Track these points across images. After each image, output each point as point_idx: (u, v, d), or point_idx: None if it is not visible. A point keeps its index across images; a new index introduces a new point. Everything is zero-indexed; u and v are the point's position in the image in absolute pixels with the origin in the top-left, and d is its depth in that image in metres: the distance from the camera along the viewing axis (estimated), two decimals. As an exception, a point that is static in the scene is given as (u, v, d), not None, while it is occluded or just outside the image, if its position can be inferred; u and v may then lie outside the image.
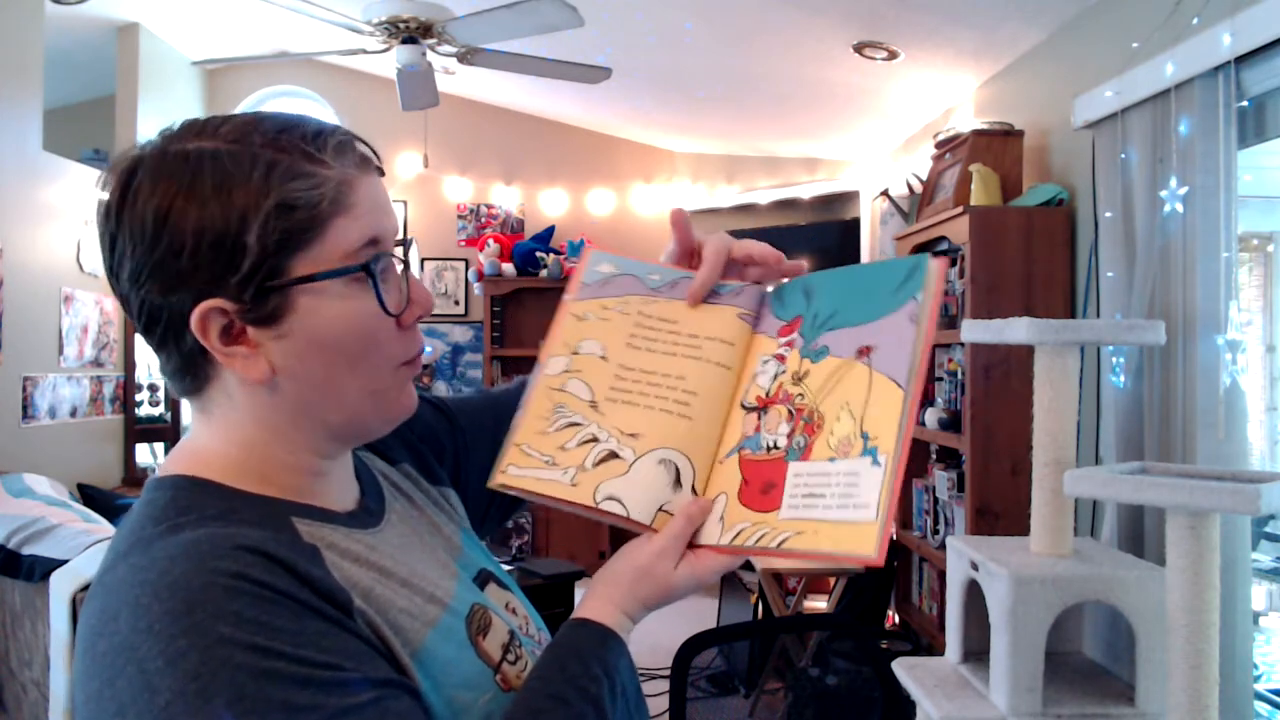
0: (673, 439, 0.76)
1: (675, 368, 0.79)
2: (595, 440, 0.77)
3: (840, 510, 0.68)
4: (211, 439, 0.68)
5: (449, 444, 0.91)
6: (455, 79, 4.34)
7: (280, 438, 0.67)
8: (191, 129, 0.65)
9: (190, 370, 0.66)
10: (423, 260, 5.51)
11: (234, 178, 0.62)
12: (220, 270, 0.62)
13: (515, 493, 0.77)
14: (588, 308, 0.84)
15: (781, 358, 0.78)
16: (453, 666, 0.66)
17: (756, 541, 0.70)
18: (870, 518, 0.66)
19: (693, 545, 0.73)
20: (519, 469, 0.77)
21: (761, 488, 0.72)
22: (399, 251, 0.70)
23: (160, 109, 4.90)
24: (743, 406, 0.78)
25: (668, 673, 2.69)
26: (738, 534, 0.71)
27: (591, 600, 0.71)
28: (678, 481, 0.75)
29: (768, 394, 0.77)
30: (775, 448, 0.74)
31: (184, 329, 0.63)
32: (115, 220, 0.63)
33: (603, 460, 0.76)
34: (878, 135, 4.28)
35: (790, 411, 0.75)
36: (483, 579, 0.80)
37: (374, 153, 0.70)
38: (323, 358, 0.65)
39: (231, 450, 0.67)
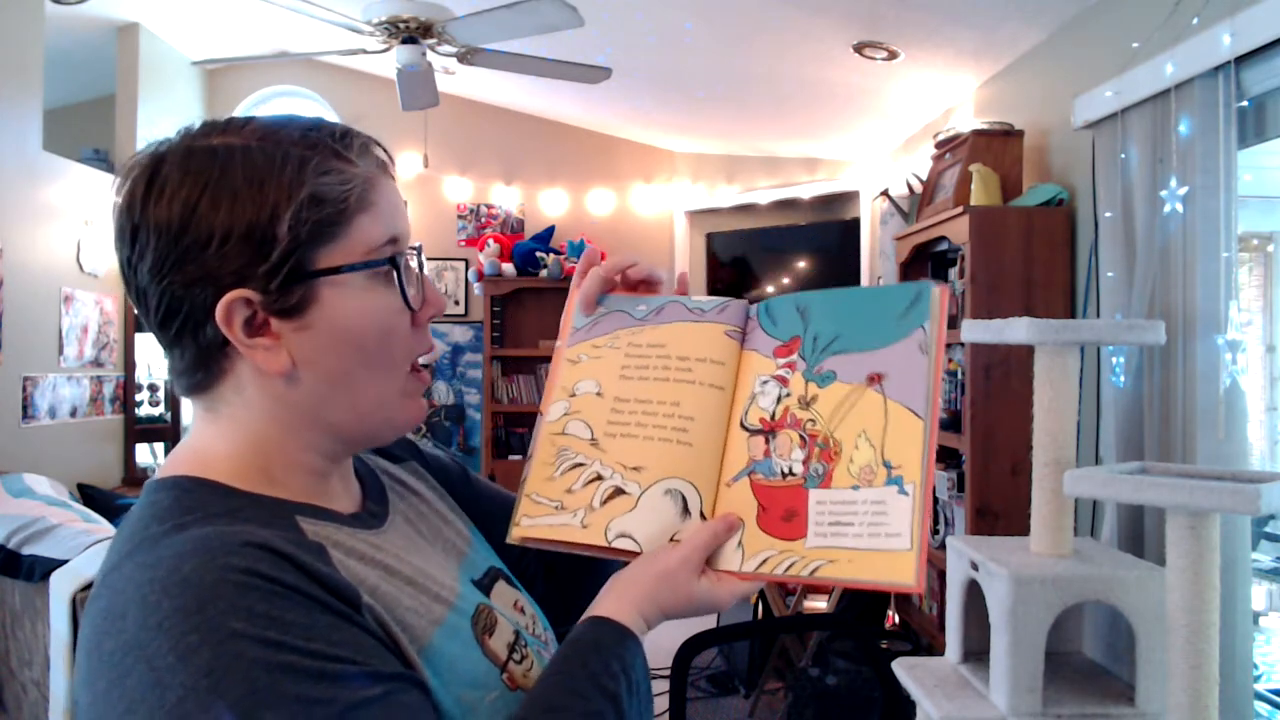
0: (675, 468, 0.76)
1: (669, 394, 0.80)
2: (600, 478, 0.78)
3: (872, 539, 0.69)
4: (216, 439, 0.68)
5: (461, 492, 0.91)
6: (455, 79, 4.34)
7: (288, 435, 0.68)
8: (214, 127, 0.66)
9: (204, 365, 0.66)
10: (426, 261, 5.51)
11: (266, 171, 0.63)
12: (248, 261, 0.62)
13: (533, 544, 0.78)
14: (580, 350, 0.85)
15: (783, 380, 0.78)
16: (459, 665, 0.66)
17: (786, 569, 0.71)
18: (905, 546, 0.68)
19: (713, 570, 0.74)
20: (531, 519, 0.78)
21: (783, 515, 0.73)
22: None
23: (160, 109, 4.89)
24: (743, 427, 0.78)
25: (668, 673, 2.69)
26: (764, 561, 0.72)
27: (610, 599, 0.71)
28: (686, 510, 0.75)
29: (773, 417, 0.77)
30: (791, 474, 0.74)
31: (205, 321, 0.63)
32: (139, 213, 0.63)
33: (610, 498, 0.77)
34: (878, 135, 4.28)
35: (803, 437, 0.75)
36: (491, 577, 0.81)
37: (390, 158, 0.72)
38: (342, 351, 0.66)
39: (236, 450, 0.67)
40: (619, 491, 0.76)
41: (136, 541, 0.59)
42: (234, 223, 0.62)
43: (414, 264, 0.71)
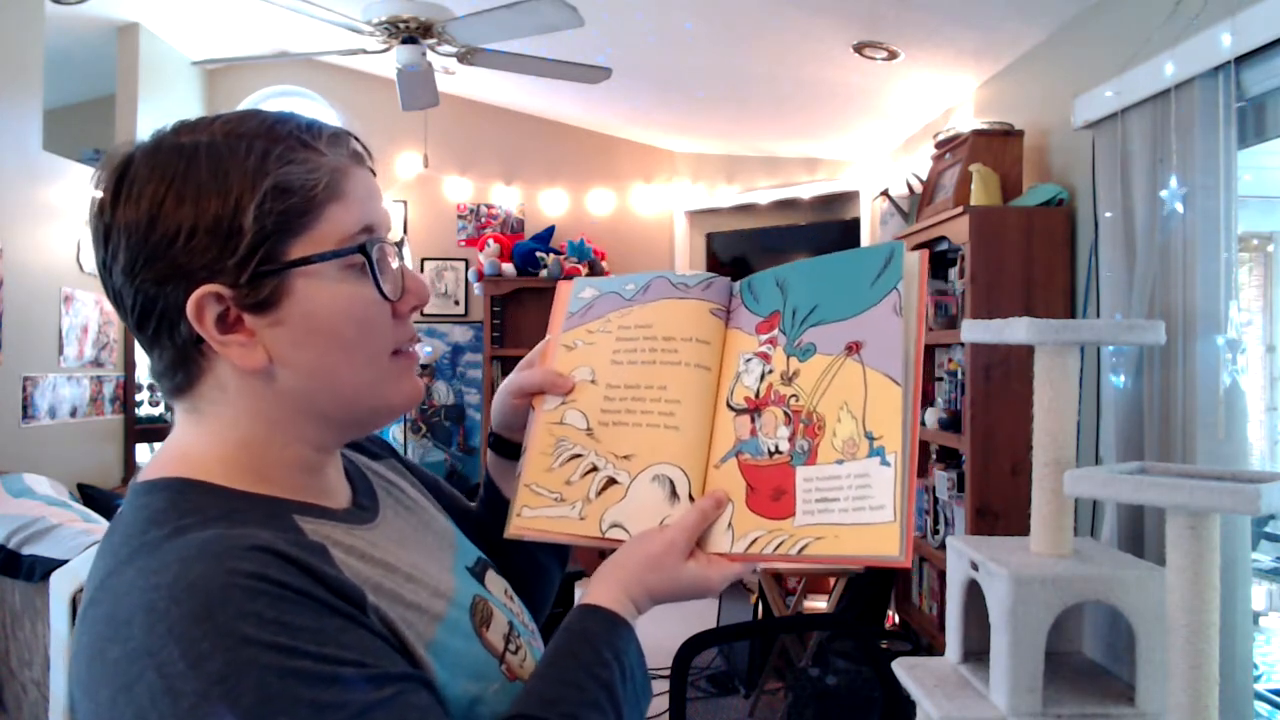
0: (663, 453, 0.76)
1: (656, 377, 0.79)
2: (595, 469, 0.78)
3: (857, 513, 0.68)
4: (201, 439, 0.67)
5: (432, 494, 0.91)
6: (455, 79, 4.34)
7: (277, 430, 0.67)
8: (185, 126, 0.65)
9: (183, 365, 0.65)
10: (422, 261, 5.50)
11: (230, 163, 0.62)
12: (216, 254, 0.62)
13: (531, 536, 0.78)
14: (575, 336, 0.85)
15: (765, 356, 0.77)
16: (463, 658, 0.67)
17: (775, 549, 0.70)
18: (889, 519, 0.66)
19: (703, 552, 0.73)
20: (532, 510, 0.78)
21: (771, 494, 0.72)
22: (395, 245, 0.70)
23: (160, 109, 4.89)
24: (730, 407, 0.77)
25: (668, 673, 2.68)
26: (753, 541, 0.71)
27: (600, 586, 0.71)
28: (674, 494, 0.75)
29: (757, 394, 0.76)
30: (778, 452, 0.73)
31: (179, 319, 0.62)
32: (110, 214, 0.63)
33: (604, 488, 0.77)
34: (878, 135, 4.28)
35: (787, 414, 0.74)
36: (481, 567, 0.81)
37: (366, 150, 0.70)
38: (318, 344, 0.65)
39: (225, 449, 0.66)
40: (611, 481, 0.77)
41: (135, 546, 0.58)
42: (199, 216, 0.61)
43: (393, 254, 0.69)
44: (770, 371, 0.76)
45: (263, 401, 0.66)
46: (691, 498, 0.75)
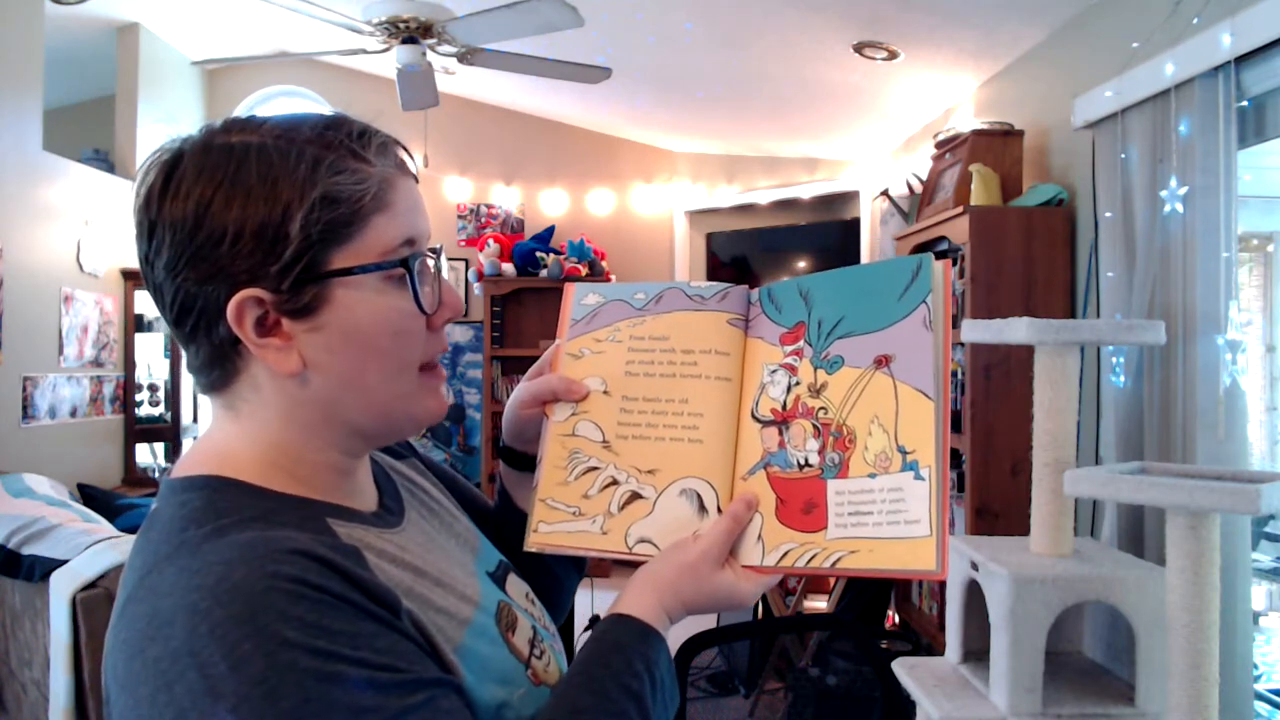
0: (689, 467, 0.76)
1: (676, 390, 0.79)
2: (615, 483, 0.77)
3: (892, 527, 0.68)
4: (238, 438, 0.67)
5: (452, 492, 0.91)
6: (455, 79, 4.34)
7: (309, 434, 0.67)
8: (235, 124, 0.66)
9: (219, 363, 0.66)
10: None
11: (279, 169, 0.63)
12: (260, 259, 0.62)
13: (552, 551, 0.77)
14: (581, 344, 0.84)
15: (792, 368, 0.76)
16: (490, 663, 0.67)
17: (808, 561, 0.70)
18: (925, 533, 0.67)
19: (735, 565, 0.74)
20: (549, 525, 0.78)
21: (802, 507, 0.72)
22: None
23: (160, 109, 4.89)
24: (755, 419, 0.77)
25: (668, 673, 2.68)
26: (785, 554, 0.71)
27: (633, 595, 0.71)
28: (702, 507, 0.75)
29: (784, 406, 0.76)
30: (808, 465, 0.73)
31: (218, 319, 0.63)
32: (156, 209, 0.63)
33: (627, 503, 0.76)
34: (878, 135, 4.28)
35: (816, 426, 0.73)
36: (503, 571, 0.81)
37: (411, 157, 0.71)
38: (353, 352, 0.66)
39: (260, 449, 0.67)
40: (636, 496, 0.76)
41: (175, 544, 0.59)
42: (246, 221, 0.61)
43: (431, 265, 0.70)
44: (797, 383, 0.76)
45: (295, 404, 0.66)
46: (720, 510, 0.74)
